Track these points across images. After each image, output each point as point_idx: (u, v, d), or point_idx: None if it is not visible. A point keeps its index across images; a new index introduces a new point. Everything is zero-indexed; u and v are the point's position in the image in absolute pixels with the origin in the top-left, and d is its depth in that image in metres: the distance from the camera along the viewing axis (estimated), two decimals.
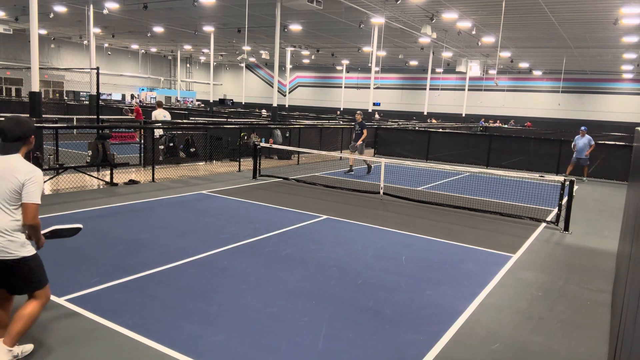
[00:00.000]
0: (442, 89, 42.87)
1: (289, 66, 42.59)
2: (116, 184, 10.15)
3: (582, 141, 14.66)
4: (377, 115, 35.24)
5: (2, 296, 3.46)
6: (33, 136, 3.39)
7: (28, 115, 11.71)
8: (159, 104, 15.74)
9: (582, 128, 14.99)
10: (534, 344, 4.21)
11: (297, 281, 5.28)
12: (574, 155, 14.83)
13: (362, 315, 4.53)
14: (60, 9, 26.23)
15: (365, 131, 13.64)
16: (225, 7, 23.87)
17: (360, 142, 13.59)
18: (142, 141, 12.66)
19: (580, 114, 41.79)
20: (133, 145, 14.80)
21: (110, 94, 45.15)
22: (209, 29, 30.73)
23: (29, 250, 3.35)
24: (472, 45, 29.67)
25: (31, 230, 3.33)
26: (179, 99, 47.93)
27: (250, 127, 16.69)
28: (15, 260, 3.24)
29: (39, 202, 3.30)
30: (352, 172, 13.78)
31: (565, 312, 4.93)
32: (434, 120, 35.30)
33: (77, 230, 3.82)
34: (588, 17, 20.68)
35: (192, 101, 49.05)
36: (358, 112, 14.47)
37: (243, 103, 46.05)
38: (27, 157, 3.45)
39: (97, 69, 10.77)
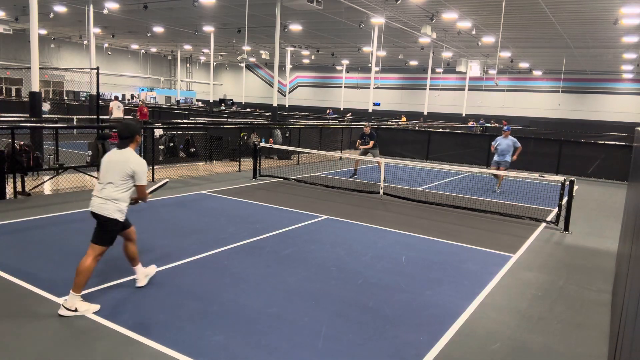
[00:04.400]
0: (442, 89, 42.86)
1: (289, 66, 42.58)
2: None
3: (506, 142, 12.04)
4: (349, 115, 35.92)
5: (126, 237, 4.73)
6: (138, 135, 4.61)
7: (127, 117, 11.69)
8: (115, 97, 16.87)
9: (505, 128, 12.52)
10: (534, 344, 4.21)
11: (297, 281, 5.28)
12: (494, 158, 12.18)
13: (362, 315, 4.53)
14: (60, 9, 26.22)
15: (372, 142, 12.73)
16: (225, 7, 23.87)
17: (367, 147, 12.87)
18: (142, 141, 12.65)
19: (580, 114, 41.80)
20: None
21: (110, 94, 45.14)
22: (209, 29, 30.72)
23: (120, 216, 4.43)
24: (472, 45, 29.67)
25: (142, 198, 4.63)
26: (178, 98, 47.94)
27: (250, 127, 16.68)
28: (108, 219, 4.36)
29: (146, 183, 4.53)
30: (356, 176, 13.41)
31: (565, 312, 4.93)
32: (403, 119, 35.38)
33: (165, 184, 5.53)
34: (588, 17, 20.69)
35: (190, 100, 49.06)
36: (366, 125, 13.41)
37: (243, 103, 46.04)
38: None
39: (97, 69, 10.77)
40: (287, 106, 44.96)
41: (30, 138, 10.21)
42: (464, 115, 38.66)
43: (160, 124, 14.14)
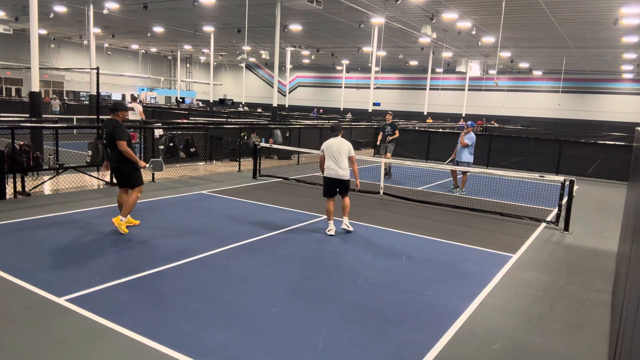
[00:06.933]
0: (442, 89, 42.85)
1: (289, 66, 42.56)
2: (116, 184, 10.13)
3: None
4: (349, 115, 36.18)
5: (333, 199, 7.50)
6: (342, 130, 7.55)
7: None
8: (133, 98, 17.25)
9: (469, 123, 11.15)
10: (534, 344, 4.21)
11: (297, 281, 5.28)
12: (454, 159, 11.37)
13: (362, 315, 4.53)
14: (60, 9, 26.22)
15: (397, 132, 12.94)
16: (225, 7, 23.87)
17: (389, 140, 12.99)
18: (142, 141, 12.63)
19: (580, 114, 41.81)
20: (133, 145, 14.73)
21: (110, 94, 45.14)
22: (209, 29, 30.72)
23: (349, 176, 7.29)
24: (472, 45, 29.67)
25: (354, 167, 7.37)
26: (179, 98, 47.94)
27: (250, 127, 16.68)
28: (346, 180, 7.27)
29: (355, 154, 7.35)
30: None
31: (565, 312, 4.93)
32: (429, 120, 35.25)
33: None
34: (588, 17, 20.69)
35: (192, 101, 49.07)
36: (389, 112, 13.59)
37: (243, 103, 46.05)
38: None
39: (97, 69, 10.77)
40: (287, 106, 44.95)
41: (30, 138, 10.21)
42: (464, 115, 38.66)
43: (160, 124, 14.12)
